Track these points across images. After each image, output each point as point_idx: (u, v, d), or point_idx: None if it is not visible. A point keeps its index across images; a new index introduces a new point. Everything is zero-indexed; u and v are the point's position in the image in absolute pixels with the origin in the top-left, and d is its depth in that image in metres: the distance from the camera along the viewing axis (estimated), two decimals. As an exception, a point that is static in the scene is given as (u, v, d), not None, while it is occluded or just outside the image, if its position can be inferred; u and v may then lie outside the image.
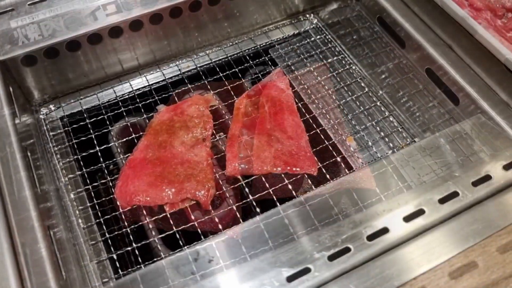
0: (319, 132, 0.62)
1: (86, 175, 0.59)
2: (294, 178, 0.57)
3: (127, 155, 0.59)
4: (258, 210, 0.53)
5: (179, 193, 0.54)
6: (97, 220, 0.55)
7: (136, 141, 0.61)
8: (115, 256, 0.52)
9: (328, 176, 0.57)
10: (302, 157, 0.58)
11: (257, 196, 0.55)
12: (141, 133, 0.61)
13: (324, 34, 0.75)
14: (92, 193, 0.57)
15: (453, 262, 0.41)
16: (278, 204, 0.52)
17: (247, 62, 0.71)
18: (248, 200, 0.55)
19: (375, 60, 0.67)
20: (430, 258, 0.41)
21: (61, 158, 0.60)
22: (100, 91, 0.67)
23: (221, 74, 0.68)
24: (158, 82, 0.69)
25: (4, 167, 0.47)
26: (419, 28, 0.59)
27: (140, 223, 0.55)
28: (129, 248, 0.52)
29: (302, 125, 0.62)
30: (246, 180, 0.56)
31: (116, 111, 0.64)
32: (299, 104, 0.65)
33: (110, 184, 0.58)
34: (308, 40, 0.75)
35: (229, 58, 0.71)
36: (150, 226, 0.54)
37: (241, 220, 0.53)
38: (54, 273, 0.41)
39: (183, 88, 0.68)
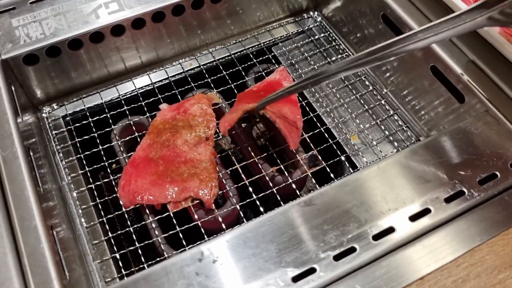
0: (323, 130, 0.62)
1: (88, 174, 0.59)
2: (298, 178, 0.57)
3: (130, 154, 0.59)
4: (262, 209, 0.53)
5: (182, 192, 0.54)
6: (100, 219, 0.55)
7: (139, 140, 0.60)
8: (118, 256, 0.52)
9: (332, 175, 0.57)
10: (294, 134, 0.57)
11: (261, 195, 0.55)
12: (144, 132, 0.61)
13: (328, 32, 0.74)
14: (95, 192, 0.56)
15: (460, 262, 0.41)
16: (282, 203, 0.52)
17: (250, 61, 0.70)
18: (252, 199, 0.55)
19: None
20: (437, 257, 0.41)
21: (63, 157, 0.60)
22: (103, 90, 0.67)
23: (224, 73, 0.68)
24: (161, 81, 0.69)
25: (6, 166, 0.47)
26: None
27: (143, 222, 0.54)
28: (132, 248, 0.52)
29: (300, 114, 0.61)
30: (250, 179, 0.56)
31: (118, 110, 0.64)
32: (303, 103, 0.65)
33: (113, 183, 0.58)
34: (311, 38, 0.74)
35: (232, 56, 0.71)
36: (153, 225, 0.54)
37: (244, 220, 0.53)
38: (57, 273, 0.41)
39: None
